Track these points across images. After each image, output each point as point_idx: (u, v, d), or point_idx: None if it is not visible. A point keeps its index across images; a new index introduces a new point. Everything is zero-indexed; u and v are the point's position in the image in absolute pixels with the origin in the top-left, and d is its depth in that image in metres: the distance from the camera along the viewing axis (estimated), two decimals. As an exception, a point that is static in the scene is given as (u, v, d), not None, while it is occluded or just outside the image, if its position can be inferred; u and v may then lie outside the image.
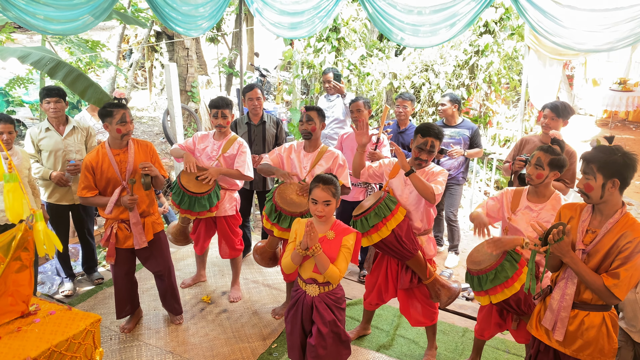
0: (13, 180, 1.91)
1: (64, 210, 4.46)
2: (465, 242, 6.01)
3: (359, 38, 8.29)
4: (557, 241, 2.35)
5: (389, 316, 4.29)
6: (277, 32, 5.74)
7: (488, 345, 3.87)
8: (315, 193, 2.83)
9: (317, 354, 2.93)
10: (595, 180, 2.39)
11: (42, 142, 4.24)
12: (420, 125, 3.41)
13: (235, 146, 4.19)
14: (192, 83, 9.58)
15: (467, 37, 7.42)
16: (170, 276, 4.00)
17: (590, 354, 2.49)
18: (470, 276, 3.04)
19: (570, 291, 2.51)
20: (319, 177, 2.90)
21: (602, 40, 4.09)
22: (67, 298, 4.48)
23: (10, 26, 6.81)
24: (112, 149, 3.60)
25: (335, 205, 2.89)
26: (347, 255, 2.85)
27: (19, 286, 2.01)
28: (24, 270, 2.01)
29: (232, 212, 4.37)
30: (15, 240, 1.94)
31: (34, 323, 2.04)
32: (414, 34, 4.79)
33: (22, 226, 1.97)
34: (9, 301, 2.00)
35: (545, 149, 3.06)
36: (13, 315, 2.06)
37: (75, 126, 4.38)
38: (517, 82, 7.90)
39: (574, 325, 2.51)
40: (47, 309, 2.15)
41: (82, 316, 2.12)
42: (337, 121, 5.67)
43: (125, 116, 3.50)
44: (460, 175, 5.19)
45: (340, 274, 2.82)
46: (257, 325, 4.13)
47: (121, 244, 3.69)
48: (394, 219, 3.24)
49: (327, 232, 2.90)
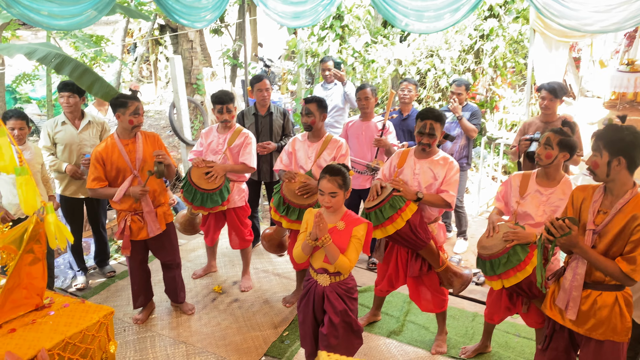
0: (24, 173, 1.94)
1: (79, 203, 4.51)
2: (474, 227, 6.01)
3: (363, 25, 8.24)
4: (563, 235, 2.35)
5: (398, 302, 4.31)
6: (280, 22, 5.72)
7: (498, 329, 3.88)
8: (322, 184, 2.84)
9: (329, 343, 2.94)
10: (601, 157, 2.40)
11: (57, 135, 4.30)
12: (420, 111, 3.45)
13: (241, 138, 4.21)
14: (197, 75, 9.58)
15: (471, 21, 7.36)
16: (178, 268, 4.07)
17: (603, 332, 2.50)
18: (482, 261, 3.05)
19: (581, 271, 2.51)
20: (328, 168, 2.90)
21: (609, 21, 4.04)
22: (80, 291, 4.54)
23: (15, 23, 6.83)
24: (121, 139, 3.66)
25: (344, 197, 2.89)
26: (357, 246, 2.85)
27: (32, 279, 2.03)
28: (37, 262, 2.03)
29: (242, 204, 4.40)
30: (27, 233, 1.96)
31: (48, 315, 2.07)
32: (418, 19, 4.76)
33: (33, 218, 1.99)
34: (23, 294, 2.02)
35: (555, 130, 3.05)
36: (28, 308, 2.08)
37: (91, 121, 4.44)
38: (522, 65, 7.84)
39: (587, 304, 2.52)
40: (61, 302, 2.17)
41: (95, 309, 2.15)
42: (336, 109, 5.66)
43: (138, 108, 3.58)
44: (464, 161, 5.18)
45: (350, 265, 2.83)
46: (269, 313, 4.17)
47: (135, 235, 3.74)
48: (409, 209, 3.23)
49: (338, 223, 2.90)
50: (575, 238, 2.36)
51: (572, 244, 2.39)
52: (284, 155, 4.08)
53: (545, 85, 4.33)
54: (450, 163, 3.39)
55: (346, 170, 2.91)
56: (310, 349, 3.13)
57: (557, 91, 4.24)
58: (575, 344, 2.68)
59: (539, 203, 3.10)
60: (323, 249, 2.81)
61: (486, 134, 7.57)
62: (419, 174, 3.44)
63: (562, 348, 2.72)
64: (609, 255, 2.42)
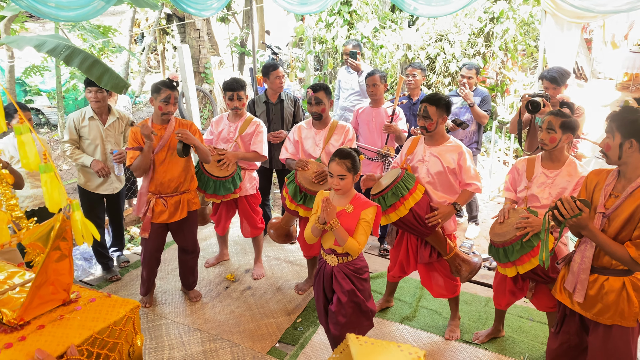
0: (49, 170, 1.94)
1: (99, 198, 4.50)
2: (485, 212, 5.99)
3: (371, 10, 8.17)
4: (573, 217, 2.31)
5: (410, 288, 4.32)
6: (288, 8, 5.69)
7: (511, 313, 3.88)
8: (331, 166, 2.87)
9: (337, 321, 3.00)
10: (614, 139, 2.37)
11: (83, 129, 4.28)
12: None
13: (252, 126, 4.21)
14: (205, 64, 9.56)
15: (481, 4, 7.26)
16: (195, 253, 4.13)
17: (610, 317, 2.49)
18: (495, 248, 3.04)
19: (589, 253, 2.50)
20: (338, 151, 2.92)
21: (622, 0, 3.98)
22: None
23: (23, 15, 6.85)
24: (154, 123, 3.75)
25: (353, 180, 2.91)
26: (366, 229, 2.88)
27: (59, 275, 2.04)
28: (64, 259, 2.04)
29: (253, 191, 4.42)
30: (54, 231, 1.97)
31: (76, 311, 2.08)
32: (427, 3, 4.72)
33: (59, 216, 2.00)
34: (50, 290, 2.03)
35: (555, 113, 3.04)
36: (55, 303, 2.09)
37: (118, 118, 4.43)
38: (533, 48, 7.74)
39: (594, 289, 2.51)
40: (87, 297, 2.18)
41: (121, 303, 2.15)
42: (356, 93, 5.64)
43: (169, 97, 3.63)
44: (474, 146, 5.15)
45: (359, 247, 2.86)
46: (282, 301, 4.19)
47: (156, 218, 3.81)
48: (412, 197, 3.24)
49: (346, 206, 2.92)
50: (585, 220, 2.33)
51: (581, 226, 2.36)
52: (289, 144, 4.07)
53: (546, 74, 4.29)
54: (462, 150, 3.37)
55: (356, 154, 2.93)
56: (326, 325, 3.18)
57: (558, 79, 4.20)
58: (586, 327, 2.67)
59: (544, 186, 3.10)
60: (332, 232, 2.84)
61: (497, 118, 7.51)
62: (428, 161, 3.42)
63: (574, 331, 2.72)
64: (618, 240, 2.39)
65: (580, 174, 3.00)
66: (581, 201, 2.32)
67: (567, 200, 2.32)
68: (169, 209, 3.81)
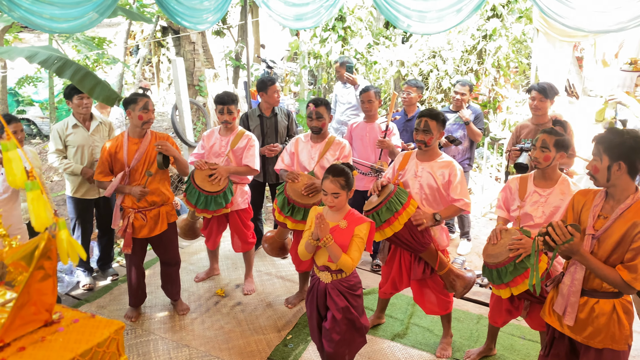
0: (35, 188, 1.89)
1: (89, 204, 4.55)
2: (477, 228, 5.99)
3: (365, 26, 8.23)
4: (565, 242, 2.29)
5: (402, 305, 4.29)
6: (283, 23, 5.71)
7: (503, 331, 3.86)
8: (325, 184, 2.87)
9: (331, 338, 2.97)
10: (601, 162, 2.36)
11: (69, 137, 4.34)
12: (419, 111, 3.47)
13: (244, 140, 4.20)
14: (200, 77, 9.57)
15: (474, 21, 7.34)
16: (177, 264, 4.12)
17: (602, 340, 2.45)
18: (489, 270, 3.02)
19: (579, 276, 2.47)
20: (331, 168, 2.92)
21: (612, 21, 4.02)
22: (89, 292, 4.55)
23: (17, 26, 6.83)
24: (130, 137, 3.76)
25: (347, 197, 2.90)
26: (360, 245, 2.87)
27: (42, 295, 1.98)
28: (47, 279, 1.98)
29: (244, 206, 4.38)
30: (39, 250, 1.91)
31: (58, 332, 2.01)
32: (421, 20, 4.75)
33: (45, 235, 1.95)
34: (32, 310, 1.96)
35: (548, 131, 3.04)
36: (37, 324, 2.02)
37: (101, 122, 4.50)
38: (526, 65, 7.81)
39: (584, 312, 2.48)
40: (70, 317, 2.11)
41: (105, 324, 2.09)
42: (353, 107, 5.66)
43: (147, 104, 3.67)
44: (465, 162, 5.16)
45: (353, 263, 2.84)
46: (272, 317, 4.15)
47: (137, 233, 3.81)
48: (406, 212, 3.22)
49: (340, 222, 2.91)
50: (577, 245, 2.31)
51: (573, 252, 2.33)
52: (286, 155, 4.08)
53: (535, 85, 4.31)
54: (453, 166, 3.36)
55: (350, 171, 2.93)
56: (319, 343, 3.15)
57: (547, 91, 4.20)
58: (576, 350, 2.64)
59: (538, 204, 3.09)
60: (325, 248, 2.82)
61: (489, 134, 7.54)
62: (420, 176, 3.42)
63: (564, 355, 2.67)
64: (609, 262, 2.37)
65: (573, 192, 2.99)
66: (572, 226, 2.30)
67: (559, 225, 2.30)
68: (149, 223, 3.80)
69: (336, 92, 5.88)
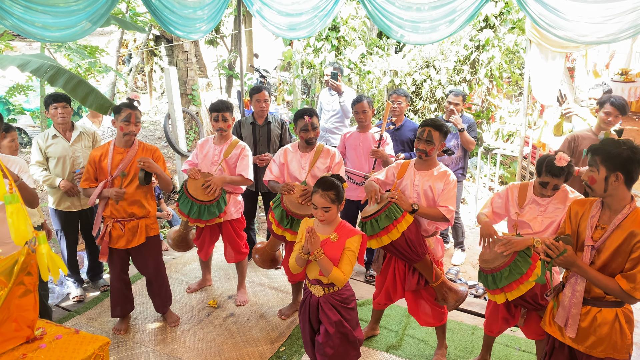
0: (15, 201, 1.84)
1: (73, 216, 4.47)
2: (471, 238, 5.98)
3: (359, 36, 8.26)
4: (559, 255, 2.33)
5: (397, 316, 4.26)
6: (277, 33, 5.71)
7: (498, 342, 3.83)
8: (314, 199, 2.84)
9: (324, 352, 2.93)
10: (598, 172, 2.37)
11: (49, 149, 4.26)
12: (423, 120, 3.45)
13: (237, 149, 4.17)
14: (193, 86, 9.55)
15: (467, 32, 7.38)
16: (158, 279, 4.02)
17: (604, 350, 2.45)
18: (484, 275, 3.01)
19: (580, 288, 2.48)
20: (320, 182, 2.87)
21: (604, 32, 4.04)
22: (79, 303, 4.49)
23: (9, 34, 6.79)
24: (116, 146, 3.71)
25: (337, 210, 2.87)
26: (351, 258, 2.83)
27: (23, 311, 1.93)
28: (28, 294, 1.93)
29: (237, 216, 4.35)
30: (18, 265, 1.87)
31: (40, 349, 1.95)
32: (414, 30, 4.76)
33: (24, 250, 1.90)
34: (12, 327, 1.91)
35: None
36: (18, 341, 1.96)
37: (82, 132, 4.41)
38: (518, 76, 7.86)
39: (587, 321, 2.48)
40: (53, 333, 2.06)
41: (90, 340, 2.04)
42: (337, 115, 5.65)
43: (130, 116, 3.58)
44: (459, 172, 5.16)
45: (344, 277, 2.81)
46: (265, 328, 4.10)
47: (114, 243, 3.74)
48: (405, 221, 3.20)
49: (331, 234, 2.87)
50: (572, 257, 2.34)
51: (569, 264, 2.37)
52: (274, 166, 4.04)
53: (614, 101, 4.13)
54: (448, 177, 3.35)
55: (340, 184, 2.89)
56: (312, 356, 3.11)
57: (625, 109, 4.06)
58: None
59: (536, 213, 3.10)
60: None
61: (483, 144, 7.57)
62: (418, 186, 3.41)
63: None
64: (607, 272, 2.38)
65: (570, 199, 3.00)
66: (562, 239, 2.35)
67: (549, 241, 2.37)
68: (127, 234, 3.73)
69: (321, 99, 5.89)
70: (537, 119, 8.13)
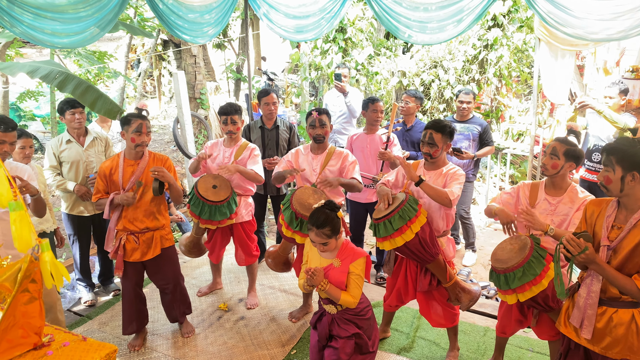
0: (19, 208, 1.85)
1: (85, 221, 4.50)
2: (482, 239, 5.93)
3: (366, 38, 8.24)
4: (580, 253, 2.30)
5: (408, 318, 4.23)
6: (284, 36, 5.71)
7: (511, 344, 3.80)
8: (311, 236, 2.83)
9: (339, 358, 2.90)
10: (614, 172, 2.34)
11: (63, 153, 4.29)
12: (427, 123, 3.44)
13: (247, 151, 4.18)
14: (201, 90, 9.58)
15: (475, 31, 7.34)
16: (175, 291, 3.92)
17: (620, 351, 2.41)
18: (496, 275, 2.97)
19: (596, 288, 2.44)
20: (313, 220, 2.79)
21: (614, 29, 4.00)
22: (91, 307, 4.51)
23: (19, 42, 6.85)
24: (126, 158, 3.62)
25: (337, 240, 2.85)
26: (358, 282, 2.82)
27: (29, 318, 1.93)
28: (34, 302, 1.93)
29: (249, 218, 4.35)
30: (21, 272, 1.87)
31: (47, 356, 1.95)
32: (421, 30, 4.73)
33: (27, 257, 1.91)
34: (19, 333, 1.92)
35: (561, 140, 3.02)
36: (25, 347, 1.96)
37: (95, 137, 4.45)
38: (528, 75, 7.79)
39: (602, 322, 2.44)
40: (60, 340, 2.06)
41: (97, 347, 2.03)
42: (344, 116, 5.64)
43: (141, 126, 3.49)
44: (470, 172, 5.13)
45: (354, 300, 2.80)
46: (276, 331, 4.09)
47: (128, 256, 3.65)
48: (418, 221, 3.17)
49: (334, 260, 2.87)
50: (592, 255, 2.30)
51: (589, 261, 2.33)
52: (283, 162, 4.05)
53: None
54: (456, 171, 3.36)
55: (334, 215, 2.82)
56: None
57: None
58: None
59: (547, 212, 3.06)
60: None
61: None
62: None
63: None
64: (624, 272, 2.34)
65: (581, 199, 2.96)
66: (583, 236, 2.30)
67: (571, 238, 2.31)
68: (141, 246, 3.63)
69: (327, 100, 5.88)
70: (548, 118, 8.06)
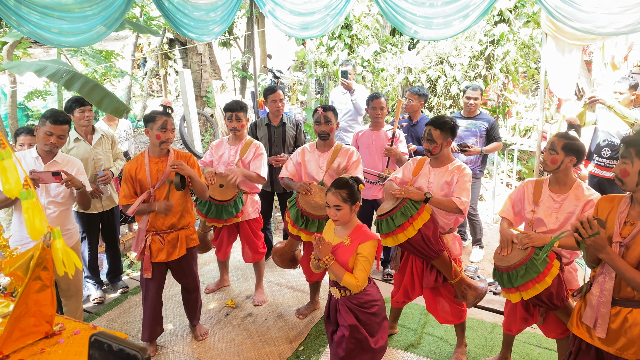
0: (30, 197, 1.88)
1: (95, 218, 4.53)
2: (489, 235, 5.92)
3: (372, 34, 8.22)
4: (591, 236, 2.21)
5: (415, 314, 4.23)
6: (289, 33, 5.71)
7: (519, 340, 3.79)
8: (327, 197, 2.82)
9: (337, 352, 2.90)
10: (633, 165, 2.28)
11: (71, 152, 4.32)
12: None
13: (252, 149, 4.19)
14: (207, 88, 9.60)
15: (481, 27, 7.31)
16: (197, 290, 3.92)
17: (635, 352, 2.34)
18: (499, 273, 2.95)
19: (609, 286, 2.38)
20: (335, 181, 2.86)
21: (622, 23, 3.96)
22: (99, 305, 4.53)
23: (27, 41, 6.89)
24: (150, 156, 3.55)
25: (351, 210, 2.82)
26: (365, 265, 2.76)
27: (41, 306, 1.96)
28: (45, 289, 1.96)
29: (255, 215, 4.36)
30: (34, 259, 1.90)
31: (58, 344, 1.98)
32: (427, 26, 4.72)
33: (39, 244, 1.94)
34: (31, 322, 1.95)
35: (560, 134, 2.99)
36: (37, 336, 2.00)
37: (103, 135, 4.49)
38: (534, 70, 7.75)
39: (617, 322, 2.38)
40: (71, 329, 2.09)
41: None
42: (350, 113, 5.64)
43: (166, 123, 3.45)
44: (477, 169, 5.11)
45: (357, 283, 2.75)
46: (283, 328, 4.10)
47: (154, 257, 3.58)
48: (421, 218, 3.17)
49: (345, 239, 2.84)
50: (602, 240, 2.22)
51: (599, 247, 2.24)
52: (290, 164, 4.05)
53: None
54: (463, 170, 3.33)
55: (355, 184, 2.84)
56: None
57: None
58: None
59: (551, 210, 3.02)
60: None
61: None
62: (433, 183, 3.39)
63: None
64: (637, 269, 2.28)
65: (587, 197, 2.93)
66: (597, 220, 2.23)
67: (588, 218, 2.24)
68: (166, 246, 3.57)
69: (333, 98, 5.87)
70: (555, 114, 8.01)
